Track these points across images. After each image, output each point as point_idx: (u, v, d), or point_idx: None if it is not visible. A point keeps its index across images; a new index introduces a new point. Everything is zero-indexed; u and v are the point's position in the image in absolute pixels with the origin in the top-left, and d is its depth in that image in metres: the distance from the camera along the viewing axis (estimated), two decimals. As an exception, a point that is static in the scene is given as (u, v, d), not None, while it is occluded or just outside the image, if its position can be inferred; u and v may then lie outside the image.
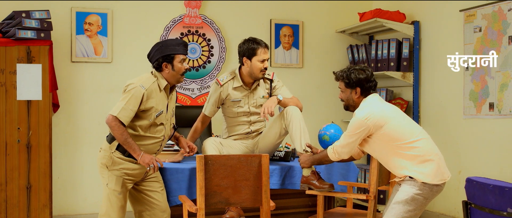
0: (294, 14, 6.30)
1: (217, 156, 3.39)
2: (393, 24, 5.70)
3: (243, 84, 4.37)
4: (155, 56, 3.74)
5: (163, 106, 3.76)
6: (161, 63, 3.73)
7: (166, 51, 3.71)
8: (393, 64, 5.74)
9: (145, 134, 3.71)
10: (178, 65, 3.74)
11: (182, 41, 3.81)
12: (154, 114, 3.68)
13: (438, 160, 3.44)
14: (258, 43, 4.29)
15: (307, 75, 6.34)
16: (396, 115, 3.53)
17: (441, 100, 5.46)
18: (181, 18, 5.86)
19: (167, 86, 3.78)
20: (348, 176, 4.46)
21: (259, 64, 4.27)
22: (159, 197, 3.81)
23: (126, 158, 3.70)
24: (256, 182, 3.42)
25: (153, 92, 3.68)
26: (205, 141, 4.24)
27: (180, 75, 3.78)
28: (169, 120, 3.85)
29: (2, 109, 4.89)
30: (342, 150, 3.60)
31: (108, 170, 3.70)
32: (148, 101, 3.65)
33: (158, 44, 3.77)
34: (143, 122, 3.68)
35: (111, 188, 3.70)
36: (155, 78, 3.74)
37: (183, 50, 3.77)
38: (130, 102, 3.59)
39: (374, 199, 3.73)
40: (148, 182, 3.84)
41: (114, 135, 3.63)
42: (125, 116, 3.58)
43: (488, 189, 2.65)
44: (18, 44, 4.89)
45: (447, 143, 5.28)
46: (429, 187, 3.38)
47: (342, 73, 3.65)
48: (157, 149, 3.82)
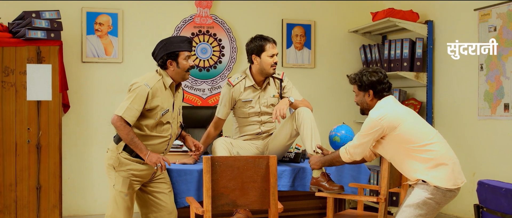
0: (306, 13, 6.24)
1: (224, 158, 3.35)
2: (406, 24, 5.62)
3: (254, 83, 4.32)
4: (160, 54, 3.71)
5: (169, 104, 3.72)
6: (165, 61, 3.69)
7: (171, 48, 3.68)
8: (406, 64, 5.66)
9: (152, 133, 3.67)
10: (183, 62, 3.71)
11: (187, 38, 3.77)
12: (159, 113, 3.64)
13: (452, 164, 3.37)
14: (265, 39, 4.30)
15: (319, 76, 6.28)
16: (410, 117, 3.48)
17: (455, 101, 5.37)
18: (192, 18, 5.83)
19: (173, 84, 3.75)
20: (359, 178, 4.39)
21: (268, 59, 4.26)
22: (166, 199, 3.78)
23: (133, 159, 3.66)
24: (264, 184, 3.37)
25: (158, 91, 3.64)
26: (215, 141, 4.20)
27: (185, 72, 3.74)
28: (175, 119, 3.81)
29: (12, 109, 4.89)
30: (354, 151, 3.55)
31: (115, 171, 3.67)
32: (153, 100, 3.61)
33: (162, 42, 3.73)
34: (149, 121, 3.64)
35: (118, 190, 3.66)
36: (160, 76, 3.71)
37: (188, 47, 3.73)
38: (135, 102, 3.56)
39: (385, 201, 3.67)
40: (156, 183, 3.81)
41: (120, 135, 3.59)
42: (130, 116, 3.54)
43: (500, 193, 2.58)
44: (28, 44, 4.89)
45: (461, 145, 5.19)
46: (442, 191, 3.31)
47: (354, 76, 3.62)
48: (165, 148, 3.78)
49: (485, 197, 2.68)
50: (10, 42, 4.87)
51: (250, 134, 4.40)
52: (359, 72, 3.60)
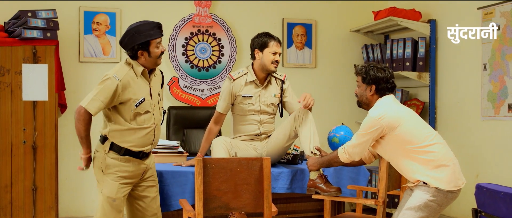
0: (307, 13, 6.16)
1: (217, 159, 3.26)
2: (408, 23, 5.53)
3: (256, 79, 4.28)
4: (129, 45, 3.48)
5: (144, 93, 3.53)
6: (136, 52, 3.48)
7: (140, 39, 3.45)
8: (409, 64, 5.57)
9: (132, 126, 3.48)
10: (154, 50, 3.50)
11: (156, 23, 3.53)
12: (133, 104, 3.46)
13: (453, 165, 3.30)
14: (270, 36, 4.30)
15: (320, 76, 6.20)
16: (411, 118, 3.41)
17: (458, 101, 5.28)
18: (191, 17, 5.76)
19: (145, 71, 3.54)
20: (358, 179, 4.30)
21: (270, 55, 4.22)
22: (152, 204, 3.64)
23: (121, 157, 3.49)
24: (258, 187, 3.29)
25: (129, 82, 3.46)
26: (214, 140, 4.13)
27: (157, 59, 3.54)
28: (156, 106, 3.61)
29: (8, 110, 4.84)
30: (353, 151, 3.48)
31: (103, 174, 3.51)
32: (124, 93, 3.43)
33: (130, 31, 3.48)
34: (126, 114, 3.47)
35: (105, 194, 3.49)
36: (130, 66, 3.51)
37: (158, 33, 3.51)
38: (101, 93, 3.38)
39: (383, 204, 3.58)
40: (145, 186, 3.64)
41: (76, 127, 3.43)
42: (94, 107, 3.37)
43: (498, 197, 2.50)
44: (24, 44, 4.84)
45: (464, 146, 5.10)
46: (444, 193, 3.24)
47: (362, 67, 3.57)
48: (152, 139, 3.58)
49: (483, 201, 2.60)
50: (6, 41, 4.82)
51: (249, 135, 4.32)
52: (368, 64, 3.56)
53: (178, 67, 5.73)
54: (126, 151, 3.50)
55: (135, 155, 3.53)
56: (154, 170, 3.72)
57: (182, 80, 5.74)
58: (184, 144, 5.36)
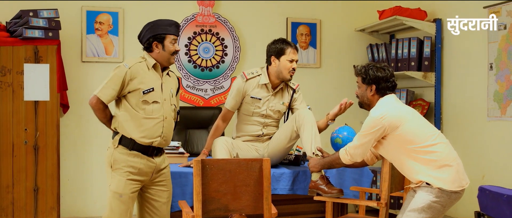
0: (311, 12, 6.11)
1: (216, 160, 3.21)
2: (413, 22, 5.46)
3: (269, 82, 4.22)
4: (146, 36, 3.59)
5: (154, 84, 3.55)
6: (151, 43, 3.57)
7: (158, 31, 3.56)
8: (414, 63, 5.50)
9: (140, 114, 3.47)
10: (169, 45, 3.58)
11: (174, 22, 3.64)
12: (141, 92, 3.48)
13: (456, 165, 3.25)
14: (288, 43, 4.20)
15: (325, 75, 6.14)
16: (413, 117, 3.36)
17: (464, 101, 5.21)
18: (194, 17, 5.72)
19: (157, 65, 3.60)
20: (361, 181, 4.24)
21: (288, 63, 4.15)
22: (162, 209, 3.59)
23: (130, 152, 3.46)
24: (257, 188, 3.23)
25: (139, 71, 3.51)
26: (215, 141, 4.09)
27: (171, 56, 3.60)
28: (167, 101, 3.60)
29: (9, 110, 4.81)
30: (355, 152, 3.43)
31: (111, 170, 3.49)
32: (133, 81, 3.47)
33: (149, 24, 3.61)
34: (133, 101, 3.49)
35: (113, 190, 3.47)
36: (143, 59, 3.60)
37: (175, 31, 3.61)
38: (111, 80, 3.45)
39: (386, 206, 3.53)
40: (156, 189, 3.59)
41: (97, 116, 3.52)
42: (105, 94, 3.43)
43: (501, 200, 2.43)
44: (25, 43, 4.82)
45: (470, 146, 5.04)
46: (447, 194, 3.19)
47: (361, 68, 3.53)
48: (161, 131, 3.54)
49: (486, 204, 2.53)
50: (7, 41, 4.80)
51: (251, 135, 4.27)
52: (367, 65, 3.52)
53: (181, 67, 5.69)
54: (135, 145, 3.47)
55: (144, 151, 3.49)
56: (167, 175, 3.68)
57: (185, 80, 5.70)
58: (187, 145, 5.32)
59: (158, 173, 3.58)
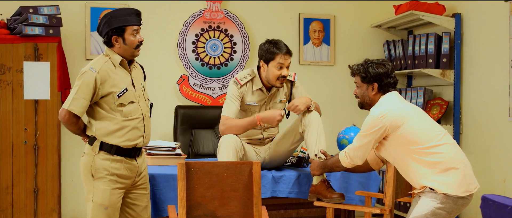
0: (324, 7, 5.88)
1: (201, 163, 3.02)
2: (431, 17, 5.18)
3: (262, 86, 3.93)
4: (104, 30, 3.28)
5: (126, 83, 3.29)
6: (110, 38, 3.27)
7: (116, 23, 3.24)
8: (432, 60, 5.22)
9: (119, 118, 3.24)
10: (130, 38, 3.27)
11: (134, 10, 3.33)
12: (115, 95, 3.23)
13: (463, 168, 3.01)
14: (278, 48, 3.80)
15: (339, 73, 5.89)
16: (416, 116, 3.13)
17: (485, 100, 4.92)
18: (202, 13, 5.54)
19: (124, 61, 3.32)
20: (368, 185, 3.99)
21: (275, 71, 3.79)
22: (143, 214, 3.39)
23: (113, 157, 3.23)
24: (246, 193, 3.03)
25: (108, 73, 3.23)
26: (223, 138, 3.72)
27: (134, 49, 3.31)
28: (141, 97, 3.38)
29: (9, 109, 4.73)
30: (354, 154, 3.22)
31: (93, 180, 3.24)
32: (104, 85, 3.20)
33: (106, 16, 3.29)
34: (109, 107, 3.24)
35: (97, 202, 3.22)
36: (107, 57, 3.30)
37: (136, 20, 3.30)
38: (81, 90, 3.16)
39: (390, 213, 3.29)
40: (136, 193, 3.38)
41: (70, 131, 3.25)
42: (77, 107, 3.15)
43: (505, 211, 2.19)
44: (25, 41, 4.73)
45: (490, 148, 4.77)
46: (453, 199, 2.95)
47: (358, 66, 3.29)
48: (143, 131, 3.33)
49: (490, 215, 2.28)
50: (6, 38, 4.72)
51: (252, 139, 4.02)
52: (365, 62, 3.29)
53: (188, 65, 5.51)
54: (117, 149, 3.24)
55: (127, 153, 3.27)
56: (146, 177, 3.46)
57: (192, 78, 5.52)
58: (192, 146, 5.15)
59: (140, 176, 3.38)
